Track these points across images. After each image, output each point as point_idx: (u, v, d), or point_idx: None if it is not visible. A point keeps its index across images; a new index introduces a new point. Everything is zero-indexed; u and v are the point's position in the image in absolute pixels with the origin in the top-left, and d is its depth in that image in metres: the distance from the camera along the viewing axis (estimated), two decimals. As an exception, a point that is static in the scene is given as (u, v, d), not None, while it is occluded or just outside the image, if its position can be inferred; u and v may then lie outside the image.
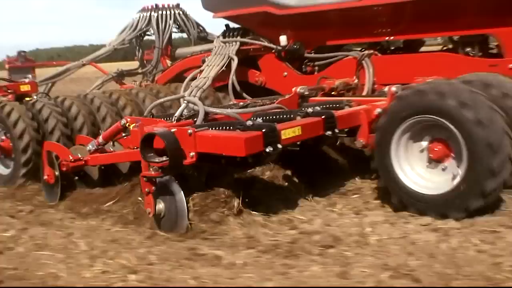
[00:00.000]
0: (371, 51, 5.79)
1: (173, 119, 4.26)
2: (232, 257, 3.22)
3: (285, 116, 4.09)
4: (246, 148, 3.40)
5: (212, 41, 7.88)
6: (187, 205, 3.73)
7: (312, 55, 6.27)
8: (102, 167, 4.92)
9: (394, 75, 5.53)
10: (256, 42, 6.50)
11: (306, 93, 5.05)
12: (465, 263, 2.94)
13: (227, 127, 3.71)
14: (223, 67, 5.89)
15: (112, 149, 4.85)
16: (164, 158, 3.62)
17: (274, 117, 4.11)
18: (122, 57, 16.13)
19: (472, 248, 3.15)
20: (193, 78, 5.87)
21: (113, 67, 8.69)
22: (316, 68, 6.38)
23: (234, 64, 5.88)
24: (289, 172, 4.39)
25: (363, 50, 6.10)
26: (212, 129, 3.75)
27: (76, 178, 4.97)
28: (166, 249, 3.43)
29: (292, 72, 6.38)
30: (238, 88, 6.08)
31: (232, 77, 5.91)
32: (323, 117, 3.95)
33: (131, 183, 4.44)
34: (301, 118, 4.02)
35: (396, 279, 2.77)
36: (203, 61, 6.61)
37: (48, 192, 4.93)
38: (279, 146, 3.56)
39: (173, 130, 3.69)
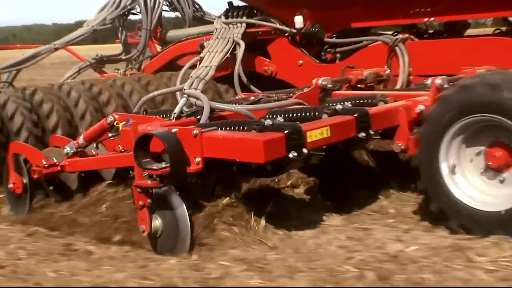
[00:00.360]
0: (406, 35, 5.68)
1: (171, 117, 4.12)
2: (102, 252, 3.72)
3: (308, 114, 3.97)
4: (265, 153, 3.28)
5: (210, 22, 7.81)
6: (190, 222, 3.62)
7: (334, 39, 6.15)
8: (82, 174, 4.80)
9: (434, 64, 5.45)
10: (266, 23, 6.39)
11: (330, 85, 4.94)
12: (319, 257, 3.37)
13: (241, 127, 3.58)
14: (228, 54, 5.77)
15: (95, 152, 4.73)
16: (163, 165, 3.50)
17: (295, 115, 3.99)
18: (92, 40, 15.90)
19: (335, 244, 3.60)
20: (193, 67, 5.74)
21: (88, 52, 8.57)
22: (338, 55, 6.28)
23: (241, 50, 5.77)
24: (311, 182, 4.28)
25: (395, 34, 5.99)
26: (221, 129, 3.63)
27: (51, 187, 4.83)
28: (42, 245, 3.93)
29: (309, 60, 6.28)
30: (244, 79, 5.96)
31: (239, 66, 5.78)
32: (355, 115, 3.82)
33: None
34: (328, 117, 3.90)
35: (247, 272, 3.20)
36: (202, 46, 6.49)
37: (13, 204, 4.81)
38: (305, 151, 3.44)
39: (174, 130, 3.56)
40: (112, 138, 4.39)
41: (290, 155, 3.39)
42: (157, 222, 3.70)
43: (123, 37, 8.30)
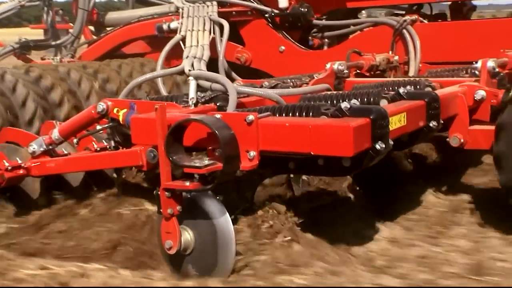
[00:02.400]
0: (414, 17, 5.27)
1: (189, 103, 3.44)
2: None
3: (361, 100, 3.41)
4: (355, 144, 2.68)
5: (152, 4, 7.12)
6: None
7: (326, 22, 5.65)
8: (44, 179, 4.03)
9: (447, 50, 5.07)
10: (241, 2, 5.78)
11: (346, 71, 4.45)
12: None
13: (304, 112, 2.97)
14: (212, 33, 5.12)
15: (65, 151, 3.95)
16: (208, 161, 2.82)
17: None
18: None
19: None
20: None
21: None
22: (326, 41, 5.78)
23: (226, 31, 5.12)
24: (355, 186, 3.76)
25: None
26: (277, 115, 3.01)
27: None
28: None
29: (292, 46, 5.75)
30: (225, 66, 5.32)
31: (223, 50, 5.12)
32: (426, 100, 3.31)
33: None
34: (388, 103, 3.36)
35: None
36: (160, 29, 5.83)
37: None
38: (390, 142, 2.88)
39: (217, 116, 2.90)
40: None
41: (377, 147, 2.81)
42: (188, 235, 3.01)
43: (49, 19, 7.39)
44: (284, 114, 3.01)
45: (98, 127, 3.65)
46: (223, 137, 2.75)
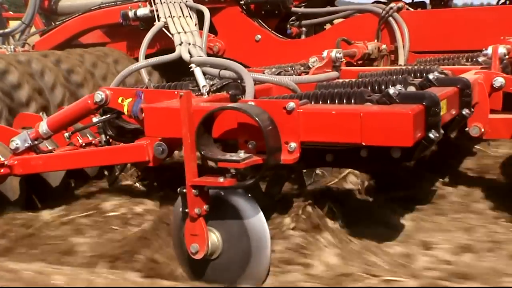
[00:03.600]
0: (400, 4, 5.09)
1: (203, 91, 3.10)
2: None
3: (385, 87, 3.16)
4: (414, 132, 2.43)
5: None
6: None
7: (307, 9, 5.39)
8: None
9: (434, 38, 4.92)
10: (214, -12, 5.46)
11: (343, 59, 4.21)
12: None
13: (344, 99, 2.70)
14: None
15: (50, 147, 3.56)
16: (245, 155, 2.51)
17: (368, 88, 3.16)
18: None
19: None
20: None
21: None
22: (304, 29, 5.53)
23: (207, 18, 4.78)
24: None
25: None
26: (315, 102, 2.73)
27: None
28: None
29: (269, 35, 5.47)
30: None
31: (205, 38, 4.77)
32: (458, 86, 3.10)
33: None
34: (416, 90, 3.13)
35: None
36: (125, 17, 5.46)
37: None
38: (442, 131, 2.65)
39: (250, 103, 2.59)
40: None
41: (431, 136, 2.57)
42: (215, 237, 2.69)
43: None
44: (321, 102, 2.72)
45: (95, 120, 3.27)
46: (266, 127, 2.45)
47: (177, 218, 2.74)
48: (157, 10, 4.90)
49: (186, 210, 2.60)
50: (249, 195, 2.65)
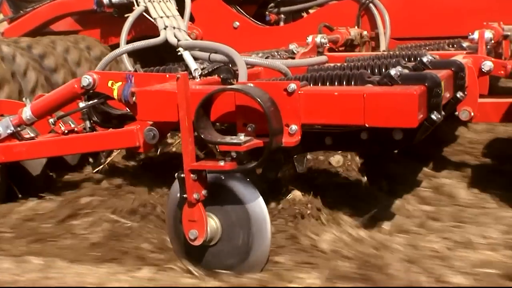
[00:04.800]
0: (379, -11, 5.07)
1: (195, 74, 3.02)
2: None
3: (378, 70, 3.12)
4: (419, 113, 2.40)
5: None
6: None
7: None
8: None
9: (416, 24, 4.92)
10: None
11: (327, 45, 4.18)
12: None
13: (344, 81, 2.66)
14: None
15: (31, 134, 3.44)
16: (245, 138, 2.45)
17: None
18: None
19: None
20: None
21: None
22: (283, 16, 5.48)
23: (188, 3, 4.67)
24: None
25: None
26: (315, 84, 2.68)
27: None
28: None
29: (248, 22, 5.39)
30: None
31: (186, 24, 4.66)
32: (453, 69, 3.08)
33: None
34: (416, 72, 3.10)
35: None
36: (99, 3, 5.31)
37: None
38: (443, 112, 2.63)
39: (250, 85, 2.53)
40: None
41: (434, 117, 2.54)
42: (214, 223, 2.62)
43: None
44: (320, 84, 2.67)
45: (81, 104, 3.16)
46: (268, 108, 2.38)
47: (173, 203, 2.66)
48: (135, -5, 4.76)
49: (184, 196, 2.53)
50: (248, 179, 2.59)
